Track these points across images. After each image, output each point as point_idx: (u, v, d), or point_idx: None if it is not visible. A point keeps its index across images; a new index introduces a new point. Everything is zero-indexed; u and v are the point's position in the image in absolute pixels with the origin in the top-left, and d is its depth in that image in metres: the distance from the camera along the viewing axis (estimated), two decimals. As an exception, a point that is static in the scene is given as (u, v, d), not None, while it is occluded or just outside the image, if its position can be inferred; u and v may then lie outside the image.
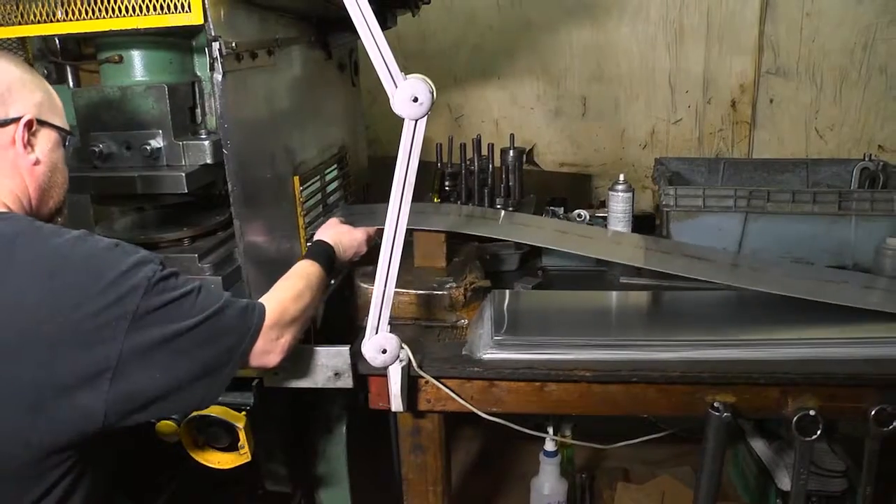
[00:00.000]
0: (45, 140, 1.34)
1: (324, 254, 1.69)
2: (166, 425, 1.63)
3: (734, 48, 3.42)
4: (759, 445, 2.53)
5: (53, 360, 1.11)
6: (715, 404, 1.62)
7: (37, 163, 1.31)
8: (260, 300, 1.41)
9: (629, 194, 2.34)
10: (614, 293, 2.13)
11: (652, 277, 2.18)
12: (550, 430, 2.50)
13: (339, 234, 1.80)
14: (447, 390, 1.69)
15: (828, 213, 2.22)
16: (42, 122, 1.33)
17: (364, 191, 2.51)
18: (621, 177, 2.38)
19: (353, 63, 2.47)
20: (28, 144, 1.30)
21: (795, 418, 1.61)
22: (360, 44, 2.39)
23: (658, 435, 2.00)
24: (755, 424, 2.57)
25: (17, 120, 1.27)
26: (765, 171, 2.70)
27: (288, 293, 1.48)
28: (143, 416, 1.21)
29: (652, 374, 1.65)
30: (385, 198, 2.11)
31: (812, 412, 1.60)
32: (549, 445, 2.60)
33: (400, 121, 1.44)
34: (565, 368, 1.67)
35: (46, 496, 1.19)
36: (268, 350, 1.37)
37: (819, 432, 1.61)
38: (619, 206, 2.34)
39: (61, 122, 1.40)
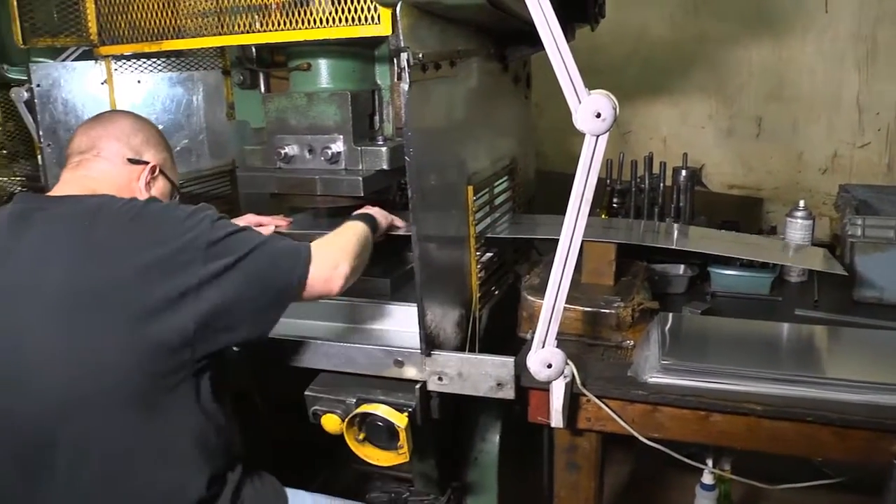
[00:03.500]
0: (161, 187, 1.69)
1: (365, 216, 1.82)
2: (331, 420, 1.69)
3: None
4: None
5: (143, 287, 1.32)
6: (902, 456, 1.49)
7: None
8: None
9: (809, 222, 2.22)
10: (787, 325, 2.01)
11: (830, 311, 2.05)
12: (710, 462, 2.40)
13: (371, 209, 1.91)
14: (609, 410, 1.66)
15: None
16: (163, 173, 1.69)
17: (530, 203, 2.51)
18: (801, 203, 2.25)
19: (526, 76, 2.47)
20: (148, 185, 1.64)
21: None
22: (532, 57, 2.41)
23: (827, 482, 1.88)
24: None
25: (146, 163, 1.64)
26: (964, 203, 2.47)
27: (331, 235, 1.66)
28: (225, 336, 1.42)
29: (829, 415, 1.54)
30: (549, 211, 2.11)
31: None
32: (708, 478, 2.50)
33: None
34: (734, 400, 1.59)
35: (163, 427, 1.37)
36: (328, 277, 1.51)
37: None
38: (797, 234, 2.22)
39: (175, 178, 1.77)
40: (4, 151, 4.07)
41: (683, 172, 2.41)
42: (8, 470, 1.36)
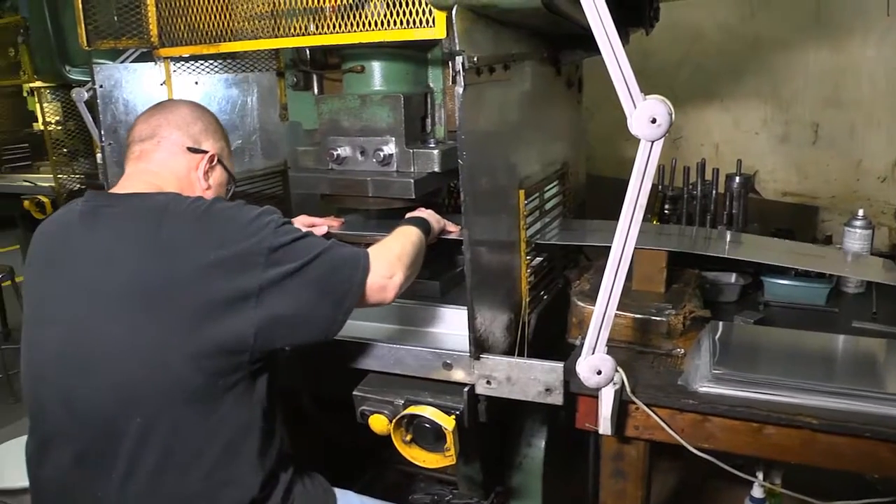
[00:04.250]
0: (218, 176, 1.70)
1: (419, 221, 1.83)
2: (379, 421, 1.70)
3: None
4: None
5: (204, 288, 1.34)
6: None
7: (208, 188, 1.66)
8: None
9: (868, 231, 2.17)
10: (844, 337, 1.97)
11: (889, 324, 2.00)
12: (760, 474, 2.35)
13: (425, 212, 1.92)
14: (657, 419, 1.64)
15: None
16: (220, 162, 1.69)
17: (581, 208, 2.50)
18: (860, 212, 2.20)
19: (578, 80, 2.46)
20: (206, 174, 1.65)
21: None
22: (584, 60, 2.40)
23: (881, 500, 1.82)
24: None
25: (206, 152, 1.65)
26: None
27: (388, 241, 1.67)
28: (282, 340, 1.45)
29: (888, 431, 1.50)
30: (599, 216, 2.09)
31: None
32: (757, 492, 2.44)
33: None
34: (788, 412, 1.56)
35: (219, 425, 1.40)
36: (383, 286, 1.52)
37: None
38: (855, 244, 2.17)
39: (232, 167, 1.77)
40: (65, 150, 4.19)
41: (737, 179, 2.38)
42: (71, 459, 1.40)
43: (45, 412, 1.43)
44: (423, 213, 1.90)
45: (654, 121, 1.39)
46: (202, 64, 2.28)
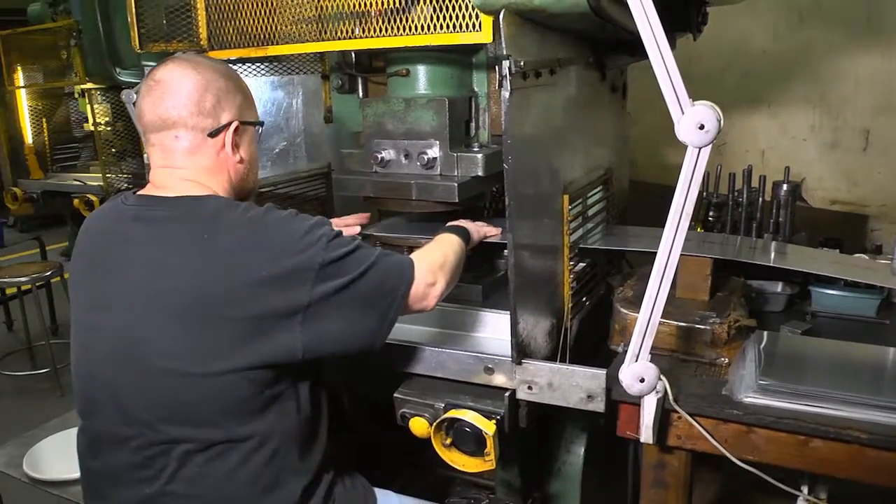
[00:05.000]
0: (246, 138, 1.59)
1: (459, 229, 1.83)
2: (419, 423, 1.70)
3: None
4: None
5: (255, 303, 1.34)
6: None
7: (240, 161, 1.57)
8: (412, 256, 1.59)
9: (921, 241, 2.11)
10: (894, 350, 1.92)
11: (943, 337, 1.95)
12: (805, 489, 2.30)
13: (465, 222, 1.92)
14: (700, 429, 1.62)
15: None
16: (244, 123, 1.57)
17: (622, 214, 2.48)
18: (913, 221, 2.14)
19: (623, 85, 2.45)
20: (234, 146, 1.54)
21: None
22: (628, 66, 2.38)
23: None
24: None
25: (226, 126, 1.52)
26: None
27: (430, 249, 1.67)
28: (330, 350, 1.44)
29: (940, 447, 1.47)
30: (641, 221, 2.07)
31: None
32: (802, 506, 2.40)
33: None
34: (836, 426, 1.53)
35: (267, 433, 1.41)
36: (424, 294, 1.53)
37: None
38: (908, 254, 2.11)
39: (255, 115, 1.64)
40: (114, 150, 4.28)
41: (784, 186, 2.33)
42: (120, 457, 1.42)
43: (96, 411, 1.46)
44: (462, 223, 1.91)
45: (702, 127, 1.38)
46: (249, 66, 2.30)
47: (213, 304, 1.33)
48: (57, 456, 2.16)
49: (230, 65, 1.69)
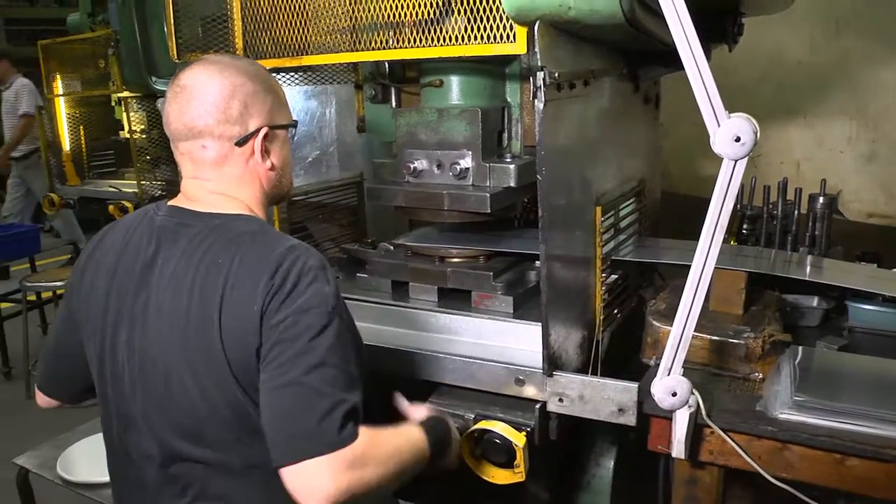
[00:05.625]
0: (278, 142, 1.50)
1: (441, 441, 1.52)
2: (448, 433, 1.70)
3: None
4: None
5: (258, 336, 1.27)
6: None
7: (272, 167, 1.49)
8: (364, 433, 1.26)
9: (962, 257, 2.07)
10: (935, 367, 1.89)
11: None
12: (840, 507, 2.27)
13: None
14: (734, 444, 1.60)
15: None
16: (274, 127, 1.47)
17: (654, 226, 2.46)
18: (953, 236, 2.10)
19: (656, 96, 2.43)
20: (264, 152, 1.46)
21: None
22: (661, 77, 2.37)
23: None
24: None
25: (255, 133, 1.44)
26: None
27: (386, 449, 1.33)
28: None
29: None
30: (673, 233, 2.05)
31: None
32: (836, 525, 2.36)
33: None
34: (874, 444, 1.50)
35: None
36: (319, 482, 1.20)
37: None
38: (947, 270, 2.07)
39: (287, 116, 1.54)
40: (148, 157, 4.34)
41: (821, 199, 2.30)
42: (147, 473, 1.41)
43: (124, 422, 1.45)
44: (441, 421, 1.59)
45: (738, 139, 1.37)
46: (283, 76, 2.33)
47: (227, 335, 1.30)
48: (90, 458, 2.18)
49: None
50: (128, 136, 4.40)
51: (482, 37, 1.64)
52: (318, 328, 1.26)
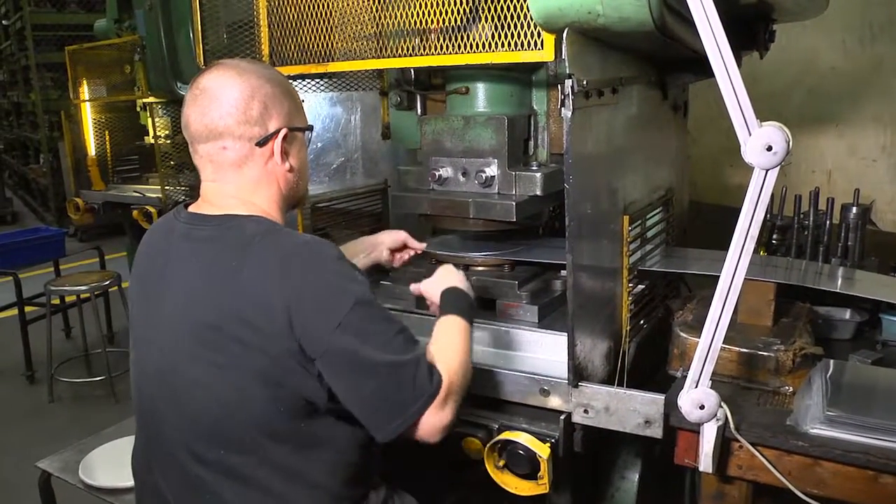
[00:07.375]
0: (296, 145, 1.53)
1: (469, 307, 1.62)
2: (473, 443, 1.68)
3: None
4: None
5: (279, 343, 1.30)
6: None
7: (290, 169, 1.51)
8: (437, 365, 1.39)
9: None
10: (973, 382, 1.83)
11: None
12: (872, 525, 2.22)
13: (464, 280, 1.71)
14: (763, 459, 1.56)
15: None
16: (292, 129, 1.50)
17: (682, 235, 2.43)
18: None
19: (684, 104, 2.41)
20: (283, 154, 1.49)
21: None
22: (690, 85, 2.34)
23: None
24: None
25: (275, 134, 1.46)
26: None
27: (456, 362, 1.44)
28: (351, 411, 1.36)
29: None
30: (701, 243, 2.02)
31: None
32: (867, 543, 2.31)
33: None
34: (909, 462, 1.46)
35: (310, 462, 1.39)
36: (434, 424, 1.37)
37: None
38: (984, 282, 2.02)
39: (304, 119, 1.58)
40: (172, 163, 4.37)
41: (854, 209, 2.25)
42: (169, 475, 1.43)
43: (147, 425, 1.48)
44: (461, 282, 1.70)
45: (769, 148, 1.34)
46: (308, 82, 2.33)
47: (239, 338, 1.31)
48: (112, 463, 2.19)
49: (277, 69, 1.68)
50: (152, 141, 4.44)
51: (509, 44, 1.63)
52: (355, 308, 1.31)
